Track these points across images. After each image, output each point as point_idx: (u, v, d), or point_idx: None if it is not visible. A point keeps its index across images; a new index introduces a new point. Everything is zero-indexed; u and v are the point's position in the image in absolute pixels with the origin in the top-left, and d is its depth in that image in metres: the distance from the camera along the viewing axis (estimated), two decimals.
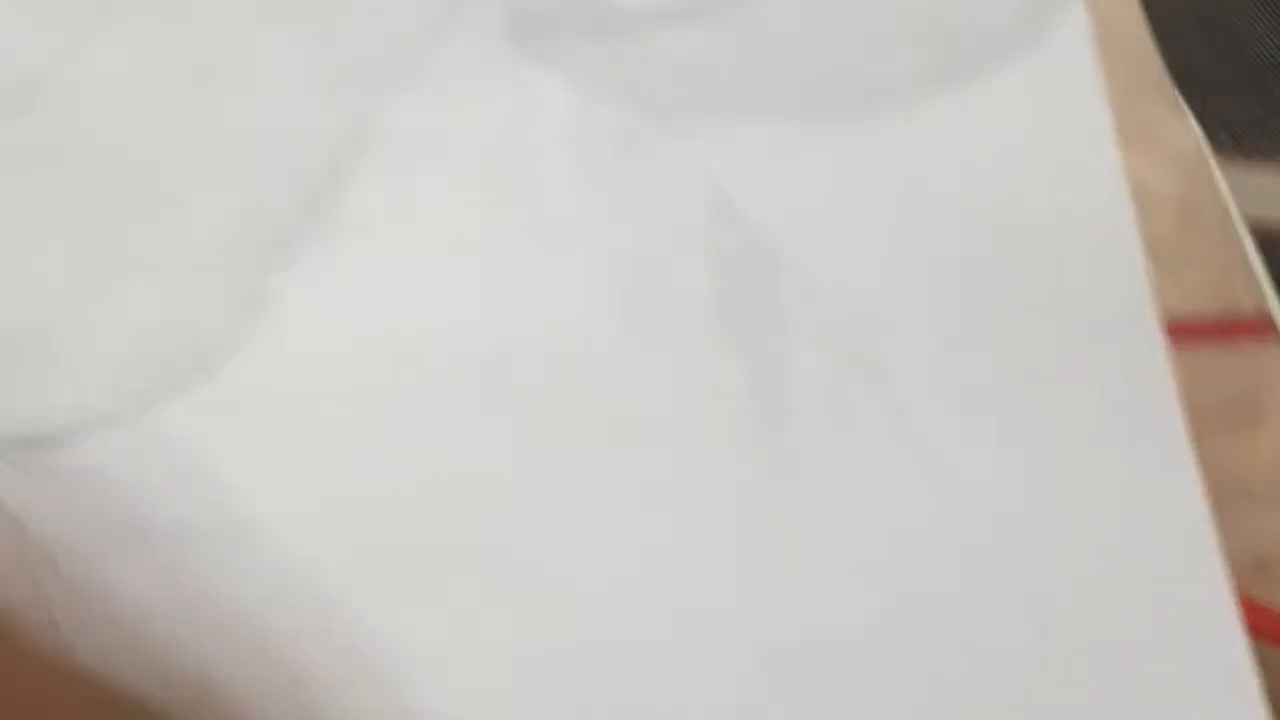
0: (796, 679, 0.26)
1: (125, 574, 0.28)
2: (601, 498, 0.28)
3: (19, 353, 0.30)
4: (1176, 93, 0.31)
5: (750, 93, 0.32)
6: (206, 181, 0.31)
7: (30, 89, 0.32)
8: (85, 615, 0.28)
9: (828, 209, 0.30)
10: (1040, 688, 0.26)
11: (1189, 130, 0.30)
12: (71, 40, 0.33)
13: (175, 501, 0.28)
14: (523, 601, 0.27)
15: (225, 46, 0.33)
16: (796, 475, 0.27)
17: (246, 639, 0.27)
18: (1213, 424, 0.28)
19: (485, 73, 0.32)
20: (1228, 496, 0.27)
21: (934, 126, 0.31)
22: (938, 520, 0.27)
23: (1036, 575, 0.26)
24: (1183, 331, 0.28)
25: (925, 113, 0.31)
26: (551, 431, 0.29)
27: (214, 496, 0.28)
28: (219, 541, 0.28)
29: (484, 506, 0.28)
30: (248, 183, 0.31)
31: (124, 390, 0.29)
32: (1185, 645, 0.26)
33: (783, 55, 0.32)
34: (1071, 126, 0.30)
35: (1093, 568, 0.27)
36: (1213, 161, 0.30)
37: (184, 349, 0.30)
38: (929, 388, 0.28)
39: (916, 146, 0.30)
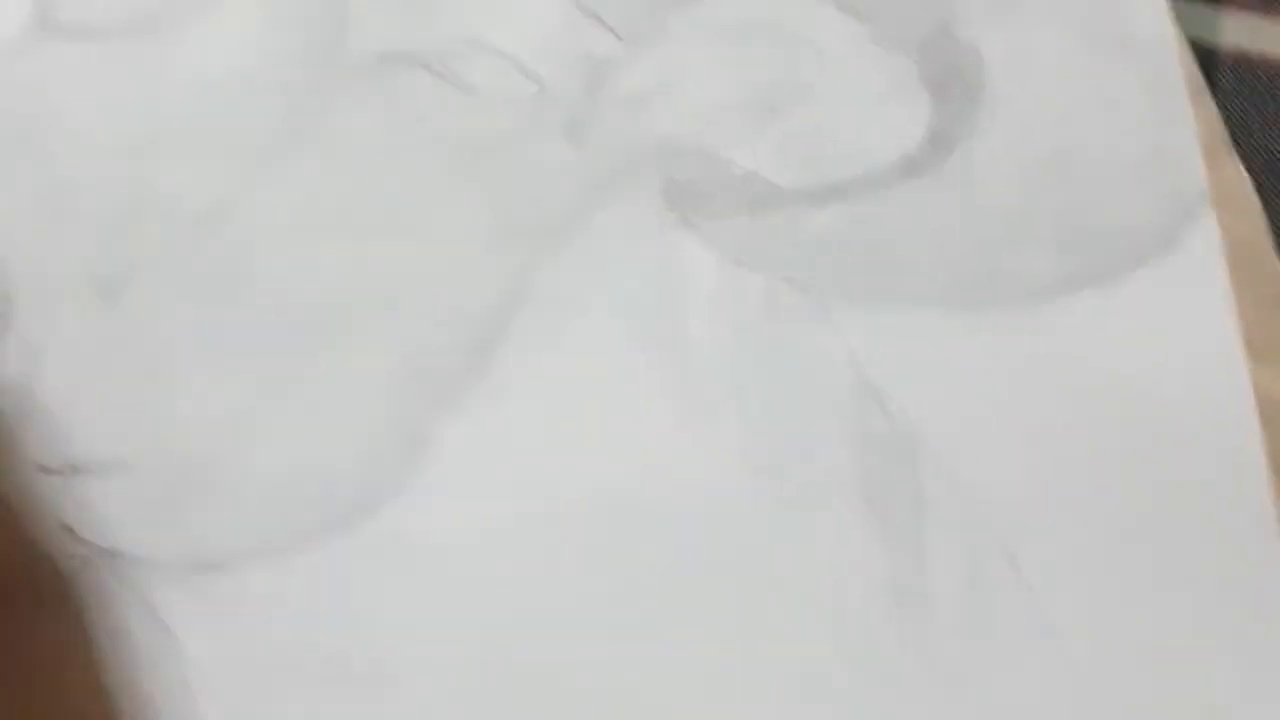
0: None
1: (270, 700, 0.29)
2: (739, 669, 0.29)
3: (191, 479, 0.31)
4: None
5: (895, 277, 0.33)
6: (373, 328, 0.33)
7: (211, 220, 0.34)
8: None
9: (967, 397, 0.32)
10: None
11: None
12: (242, 183, 0.35)
13: (329, 634, 0.30)
14: None
15: (400, 194, 0.35)
16: (934, 659, 0.29)
17: None
18: None
19: (639, 237, 0.34)
20: None
21: (1071, 324, 0.32)
22: (1070, 711, 0.28)
23: None
24: None
25: (1063, 310, 0.33)
26: (693, 596, 0.30)
27: (359, 632, 0.30)
28: (363, 678, 0.29)
29: (623, 669, 0.29)
30: (415, 329, 0.33)
31: (288, 522, 0.31)
32: None
33: (930, 244, 0.34)
34: (1202, 334, 0.32)
35: None
36: None
37: (347, 486, 0.31)
38: (1062, 581, 0.29)
39: (1053, 343, 0.32)
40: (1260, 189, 0.35)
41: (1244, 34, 0.39)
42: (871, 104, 0.36)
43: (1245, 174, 0.35)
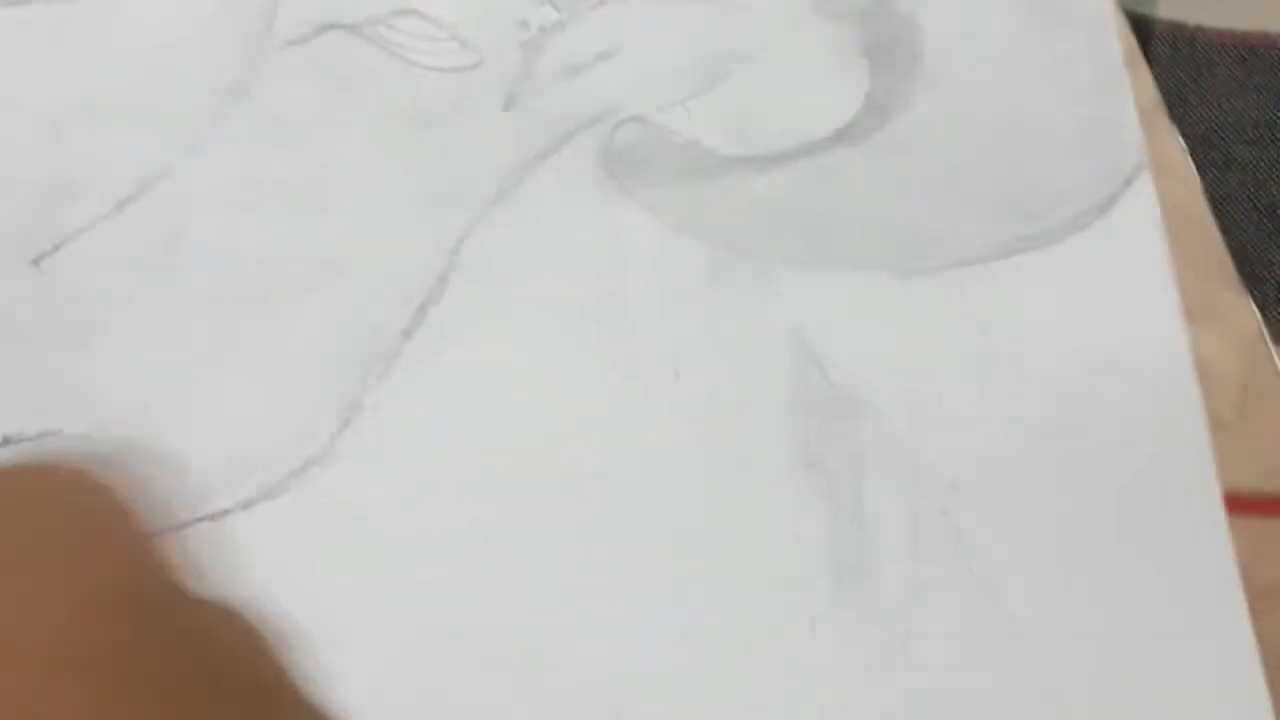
0: None
1: None
2: (675, 631, 0.29)
3: (123, 450, 0.31)
4: (1237, 276, 0.32)
5: (835, 243, 0.33)
6: (308, 292, 0.33)
7: (142, 190, 0.34)
8: None
9: (907, 361, 0.31)
10: None
11: (1251, 313, 0.32)
12: (176, 150, 0.34)
13: (265, 599, 0.29)
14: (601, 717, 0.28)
15: (334, 163, 0.34)
16: (874, 623, 0.29)
17: None
18: (1270, 595, 0.29)
19: (575, 203, 0.34)
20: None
21: (1010, 289, 0.32)
22: (1009, 673, 0.28)
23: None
24: (1241, 505, 0.30)
25: (1003, 274, 0.33)
26: (627, 559, 0.30)
27: (298, 596, 0.29)
28: (300, 642, 0.29)
29: (555, 630, 0.29)
30: (346, 297, 0.33)
31: (222, 491, 0.30)
32: None
33: (869, 210, 0.34)
34: (1140, 297, 0.32)
35: None
36: (1271, 344, 0.32)
37: (283, 454, 0.31)
38: (1003, 543, 0.29)
39: (993, 306, 0.32)
40: (1196, 158, 0.35)
41: (1179, 7, 0.39)
42: (810, 73, 0.36)
43: (1182, 143, 0.35)
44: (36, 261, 0.33)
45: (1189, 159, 0.35)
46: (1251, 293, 0.32)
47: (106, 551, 0.19)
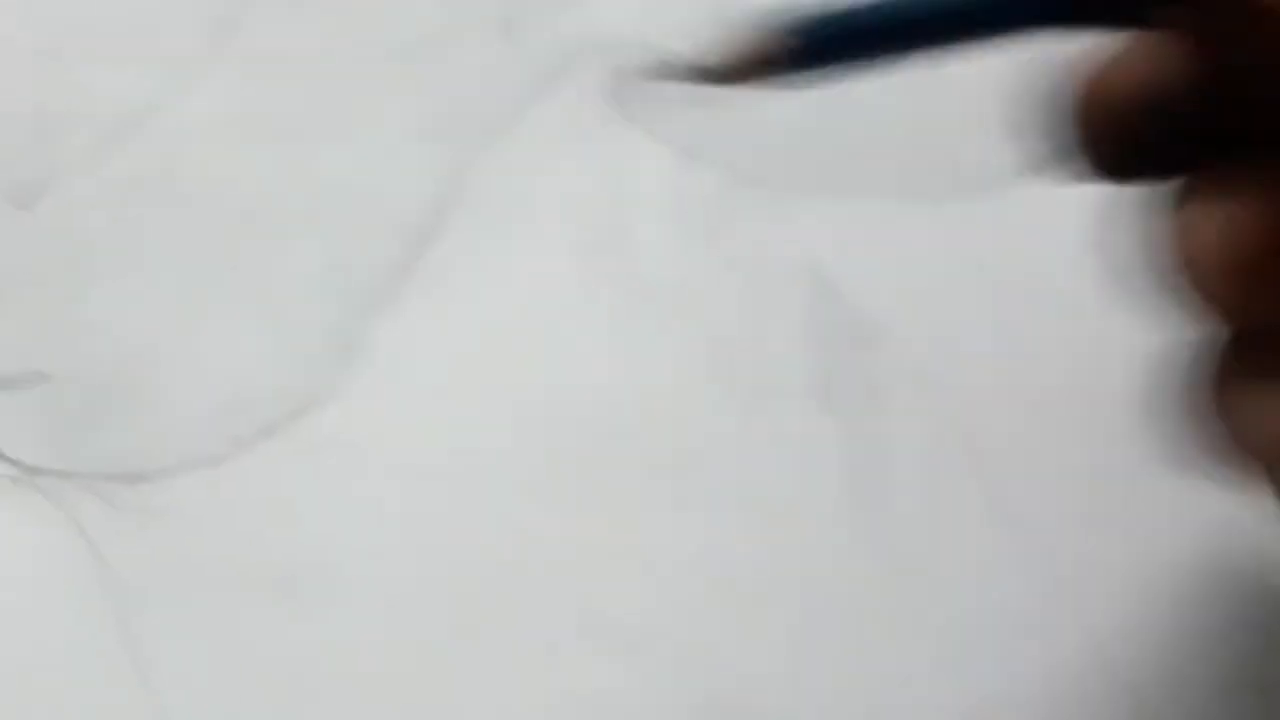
0: None
1: (208, 612, 0.28)
2: (687, 564, 0.28)
3: (115, 391, 0.30)
4: None
5: (853, 168, 0.32)
6: (305, 228, 0.32)
7: (131, 125, 0.32)
8: (166, 648, 0.27)
9: (928, 290, 0.30)
10: None
11: None
12: (168, 86, 0.33)
13: (264, 544, 0.28)
14: (616, 657, 0.27)
15: (330, 95, 0.33)
16: (892, 550, 0.28)
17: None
18: None
19: (579, 134, 0.33)
20: None
21: (1038, 212, 0.31)
22: (1031, 604, 0.27)
23: (1129, 658, 0.27)
24: None
25: (1024, 199, 0.31)
26: (639, 494, 0.29)
27: (298, 540, 0.28)
28: (303, 587, 0.28)
29: (563, 565, 0.28)
30: (345, 231, 0.31)
31: (217, 432, 0.29)
32: None
33: (889, 133, 0.32)
34: None
35: (1184, 654, 0.27)
36: None
37: (278, 393, 0.30)
38: (1026, 474, 0.28)
39: (1018, 231, 0.31)
40: None
41: None
42: None
43: None
44: (23, 201, 0.31)
45: None
46: None
47: None
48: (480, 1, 0.34)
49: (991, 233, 0.31)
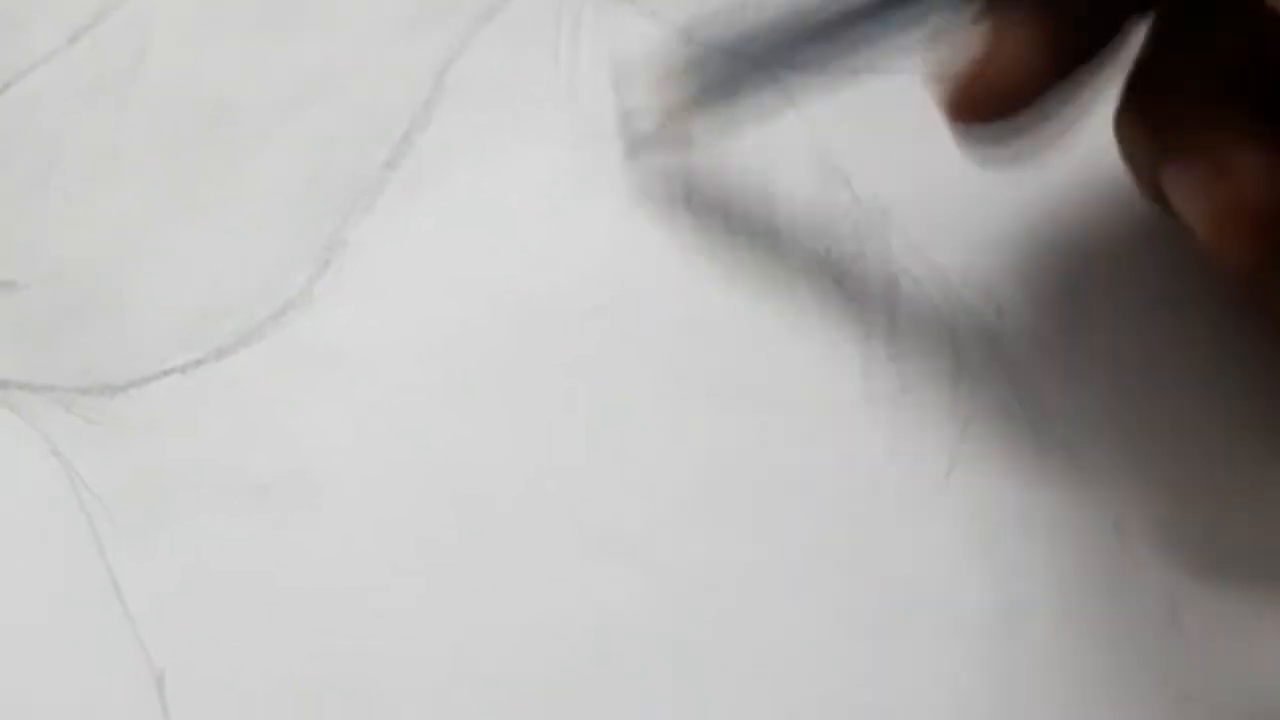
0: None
1: (184, 522, 0.27)
2: (695, 464, 0.26)
3: (87, 302, 0.28)
4: None
5: (857, 44, 0.30)
6: (280, 125, 0.30)
7: (95, 18, 0.31)
8: (143, 561, 0.26)
9: (940, 172, 0.28)
10: None
11: None
12: None
13: (243, 451, 0.27)
14: (607, 565, 0.26)
15: None
16: (914, 453, 0.26)
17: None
18: None
19: (570, 16, 0.31)
20: None
21: None
22: (1057, 503, 0.25)
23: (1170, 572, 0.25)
24: None
25: None
26: (641, 395, 0.27)
27: (276, 447, 0.27)
28: (281, 492, 0.27)
29: (556, 472, 0.27)
30: (323, 127, 0.30)
31: (194, 341, 0.28)
32: None
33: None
34: None
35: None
36: None
37: (258, 299, 0.28)
38: (1050, 367, 0.26)
39: None
40: None
41: None
42: None
43: None
44: None
45: None
46: None
47: None
48: None
49: None
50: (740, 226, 0.29)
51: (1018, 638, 0.25)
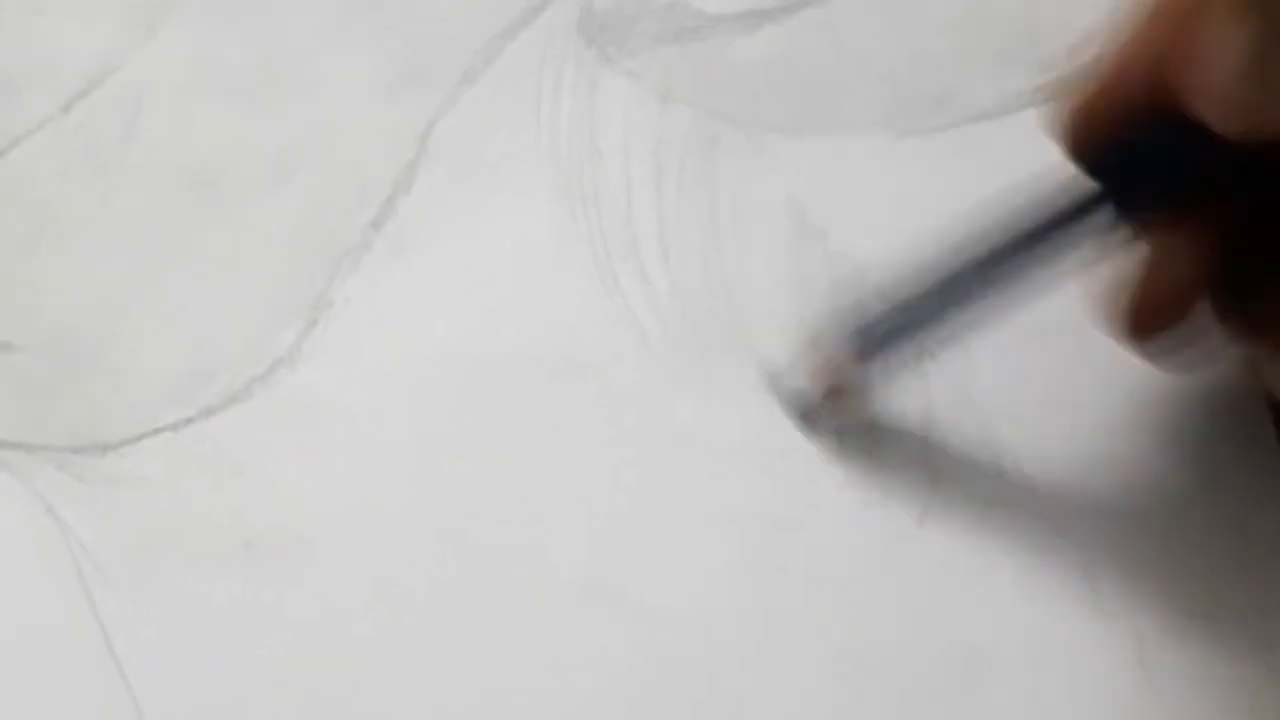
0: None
1: (174, 578, 0.27)
2: (672, 518, 0.27)
3: (80, 362, 0.29)
4: None
5: (833, 105, 0.30)
6: (268, 188, 0.31)
7: (89, 86, 0.32)
8: (134, 616, 0.27)
9: (914, 228, 0.29)
10: None
11: None
12: (128, 43, 0.32)
13: (226, 508, 0.28)
14: (586, 613, 0.26)
15: (292, 48, 0.32)
16: (887, 502, 0.26)
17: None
18: None
19: (552, 77, 0.32)
20: None
21: (1024, 143, 0.29)
22: (1029, 548, 0.26)
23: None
24: None
25: (1016, 129, 0.30)
26: (618, 452, 0.28)
27: (263, 505, 0.28)
28: (268, 549, 0.27)
29: (540, 523, 0.27)
30: (310, 190, 0.31)
31: (184, 399, 0.29)
32: None
33: (870, 66, 0.31)
34: None
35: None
36: None
37: (246, 358, 0.29)
38: (1020, 414, 0.27)
39: (1004, 164, 0.29)
40: None
41: None
42: None
43: None
44: None
45: None
46: None
47: None
48: None
49: (982, 164, 0.29)
50: None
51: (987, 683, 0.25)
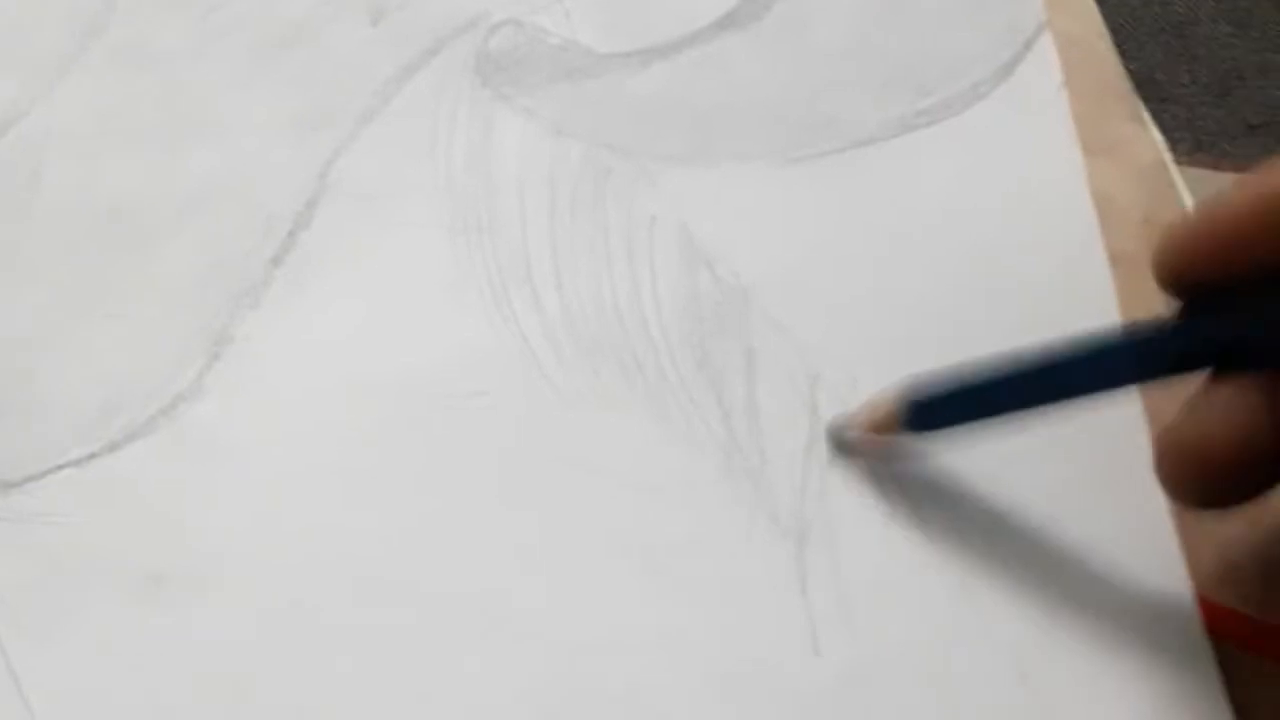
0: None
1: (82, 614, 0.27)
2: (572, 543, 0.27)
3: None
4: (1140, 104, 0.31)
5: (720, 136, 0.31)
6: (172, 229, 0.31)
7: (0, 133, 0.32)
8: (42, 654, 0.27)
9: (799, 253, 0.30)
10: None
11: (1152, 142, 0.30)
12: (34, 90, 0.33)
13: (132, 543, 0.28)
14: (496, 646, 0.27)
15: (196, 91, 0.33)
16: (771, 528, 0.27)
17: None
18: None
19: (448, 115, 0.32)
20: None
21: (907, 166, 0.30)
22: (915, 571, 0.26)
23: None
24: None
25: (899, 153, 0.31)
26: (516, 487, 0.28)
27: (170, 541, 0.28)
28: (175, 583, 0.28)
29: (436, 561, 0.27)
30: (213, 229, 0.31)
31: (89, 436, 0.29)
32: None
33: (756, 98, 0.32)
34: (1043, 165, 0.30)
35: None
36: (1175, 170, 0.30)
37: (150, 393, 0.29)
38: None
39: (889, 187, 0.30)
40: None
41: None
42: None
43: None
44: None
45: None
46: (1161, 116, 0.30)
47: None
48: None
49: (867, 188, 0.31)
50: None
51: (871, 702, 0.26)
